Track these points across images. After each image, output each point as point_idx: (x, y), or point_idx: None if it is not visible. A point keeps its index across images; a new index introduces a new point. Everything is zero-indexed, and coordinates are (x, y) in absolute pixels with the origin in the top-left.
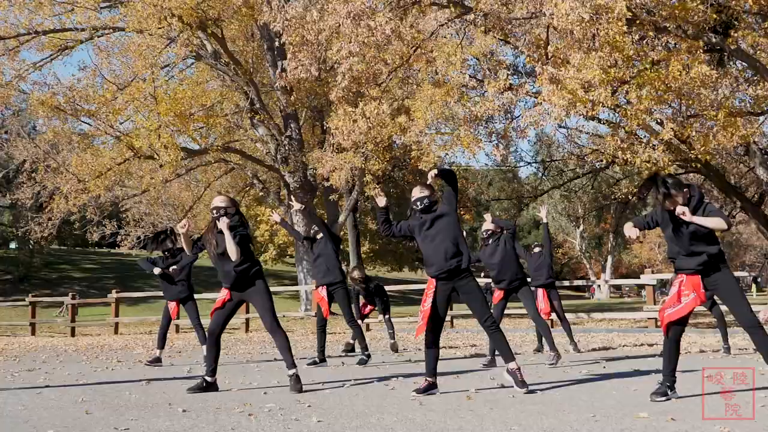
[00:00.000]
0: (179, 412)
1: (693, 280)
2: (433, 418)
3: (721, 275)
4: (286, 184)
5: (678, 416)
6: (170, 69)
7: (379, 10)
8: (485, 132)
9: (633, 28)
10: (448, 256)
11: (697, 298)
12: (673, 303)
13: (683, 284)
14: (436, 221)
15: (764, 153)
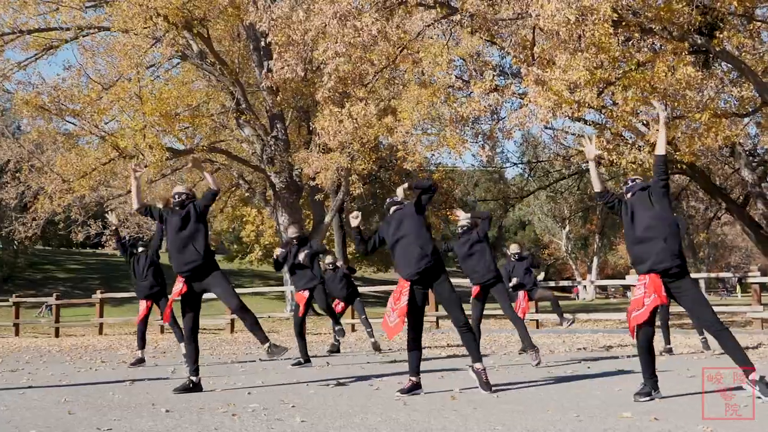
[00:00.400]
0: (162, 412)
1: (654, 281)
2: (417, 418)
3: (684, 283)
4: (272, 185)
5: (661, 416)
6: (156, 69)
7: (366, 11)
8: (471, 133)
9: (619, 30)
10: (418, 258)
11: (657, 299)
12: (638, 306)
13: (646, 286)
14: (403, 223)
15: (749, 154)
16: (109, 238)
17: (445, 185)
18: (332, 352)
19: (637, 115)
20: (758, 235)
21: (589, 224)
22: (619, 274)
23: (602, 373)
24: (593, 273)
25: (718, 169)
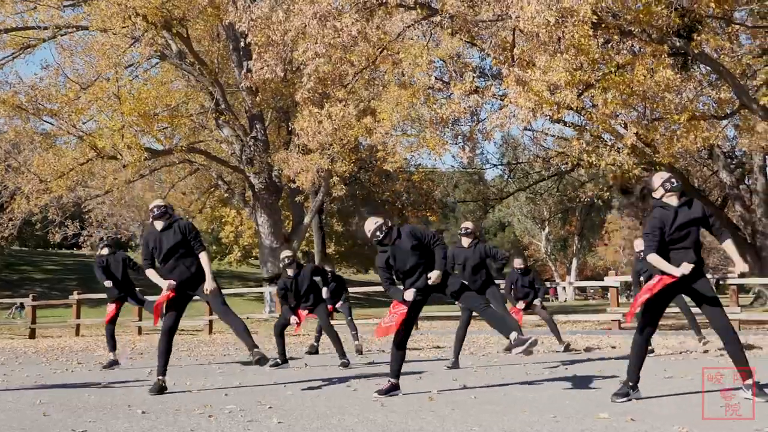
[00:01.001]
0: (138, 413)
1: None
2: (395, 419)
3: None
4: (251, 186)
5: (638, 417)
6: (134, 68)
7: (346, 11)
8: (451, 134)
9: (598, 32)
10: (422, 275)
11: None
12: (648, 290)
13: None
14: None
15: (727, 157)
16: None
17: (425, 186)
18: (311, 353)
19: (616, 117)
20: (736, 236)
21: (568, 225)
22: (598, 275)
23: (580, 374)
24: (572, 274)
25: (697, 171)
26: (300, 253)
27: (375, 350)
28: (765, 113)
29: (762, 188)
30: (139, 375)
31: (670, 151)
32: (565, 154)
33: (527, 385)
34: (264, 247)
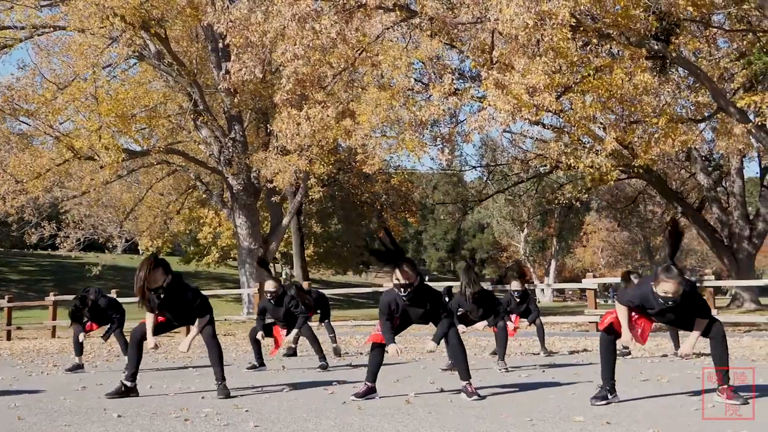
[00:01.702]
0: (114, 417)
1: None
2: (371, 423)
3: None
4: (229, 186)
5: (613, 420)
6: (112, 69)
7: (325, 13)
8: (430, 136)
9: (577, 35)
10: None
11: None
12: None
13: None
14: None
15: (705, 159)
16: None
17: (404, 188)
18: (288, 356)
19: (594, 120)
20: (713, 238)
21: (547, 227)
22: (576, 277)
23: (557, 376)
24: (551, 276)
25: (675, 173)
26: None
27: (353, 352)
28: (742, 116)
29: (739, 191)
30: (115, 378)
31: (648, 155)
32: (544, 156)
33: (504, 388)
34: (242, 249)
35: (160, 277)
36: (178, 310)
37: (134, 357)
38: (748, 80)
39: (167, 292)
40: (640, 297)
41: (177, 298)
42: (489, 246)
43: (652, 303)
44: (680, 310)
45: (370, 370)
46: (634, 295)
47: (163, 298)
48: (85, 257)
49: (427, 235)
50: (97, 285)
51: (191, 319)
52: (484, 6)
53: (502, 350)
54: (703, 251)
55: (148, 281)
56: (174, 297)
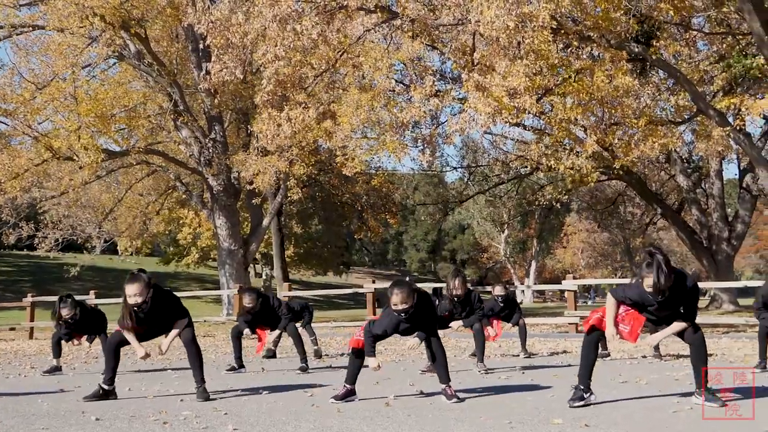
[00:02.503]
0: (92, 420)
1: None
2: (351, 426)
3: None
4: (209, 187)
5: (592, 422)
6: (92, 69)
7: (306, 14)
8: (411, 137)
9: (558, 37)
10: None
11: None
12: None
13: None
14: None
15: (684, 161)
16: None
17: (385, 189)
18: (268, 357)
19: (575, 122)
20: (692, 240)
21: (527, 228)
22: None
23: (536, 378)
24: (531, 277)
25: (655, 175)
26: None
27: (333, 354)
28: (721, 119)
29: (718, 192)
30: (93, 381)
31: (628, 156)
32: (525, 158)
33: (484, 390)
34: (222, 250)
35: (143, 292)
36: (159, 321)
37: (111, 362)
38: (727, 83)
39: (150, 305)
40: (639, 294)
41: (159, 309)
42: (469, 247)
43: (650, 300)
44: (675, 306)
45: (350, 372)
46: (633, 293)
47: (146, 312)
48: (63, 258)
49: (408, 235)
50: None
51: (170, 327)
52: (465, 8)
53: (481, 352)
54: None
55: (131, 299)
56: (156, 309)
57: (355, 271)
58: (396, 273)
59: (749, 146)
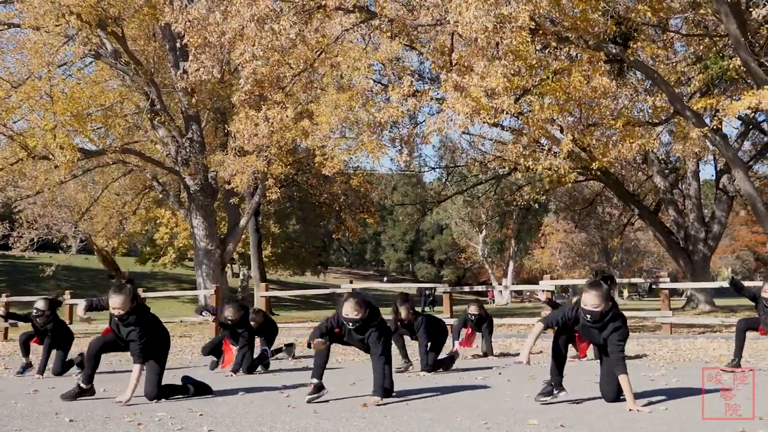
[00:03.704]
0: (66, 421)
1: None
2: (326, 427)
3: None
4: (186, 187)
5: (567, 423)
6: (68, 67)
7: (284, 14)
8: (389, 137)
9: (536, 38)
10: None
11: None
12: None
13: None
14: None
15: (661, 162)
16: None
17: (363, 189)
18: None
19: (553, 122)
20: (669, 240)
21: (505, 229)
22: (534, 278)
23: (512, 379)
24: (509, 277)
25: (632, 176)
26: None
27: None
28: (698, 120)
29: (695, 193)
30: (67, 382)
31: (606, 158)
32: (503, 158)
33: (460, 390)
34: (199, 250)
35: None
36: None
37: (91, 363)
38: (704, 84)
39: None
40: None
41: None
42: (447, 247)
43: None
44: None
45: (316, 365)
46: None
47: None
48: (38, 257)
49: (386, 236)
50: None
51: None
52: (443, 8)
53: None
54: (659, 253)
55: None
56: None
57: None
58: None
59: (726, 147)
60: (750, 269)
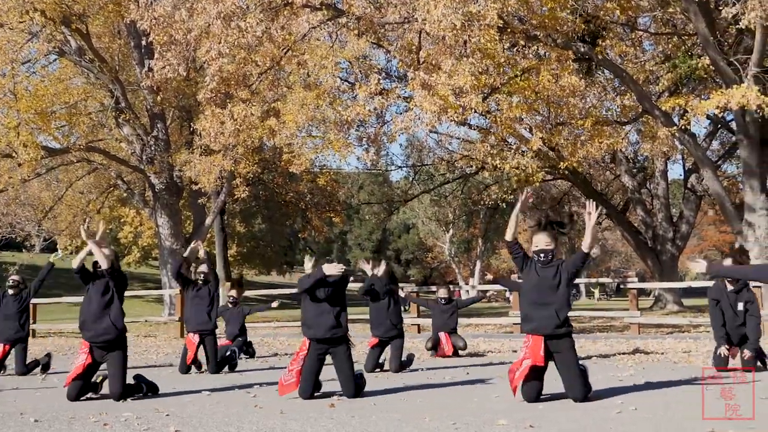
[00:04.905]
0: (31, 422)
1: (536, 342)
2: (293, 427)
3: (564, 343)
4: (151, 185)
5: (536, 423)
6: (32, 65)
7: (250, 11)
8: (356, 136)
9: (504, 36)
10: (329, 326)
11: (533, 361)
12: (518, 366)
13: (528, 347)
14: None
15: (629, 161)
16: None
17: (329, 188)
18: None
19: (521, 121)
20: (637, 240)
21: (472, 228)
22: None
23: (481, 379)
24: (476, 277)
25: (600, 175)
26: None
27: (282, 353)
28: (667, 119)
29: (663, 193)
30: (31, 381)
31: (574, 157)
32: (470, 157)
33: (428, 390)
34: (164, 249)
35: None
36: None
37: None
38: (673, 83)
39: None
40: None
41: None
42: (414, 246)
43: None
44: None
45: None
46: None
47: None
48: (1, 256)
49: (352, 235)
50: (7, 325)
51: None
52: (411, 6)
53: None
54: (627, 253)
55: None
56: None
57: (298, 271)
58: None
59: (694, 147)
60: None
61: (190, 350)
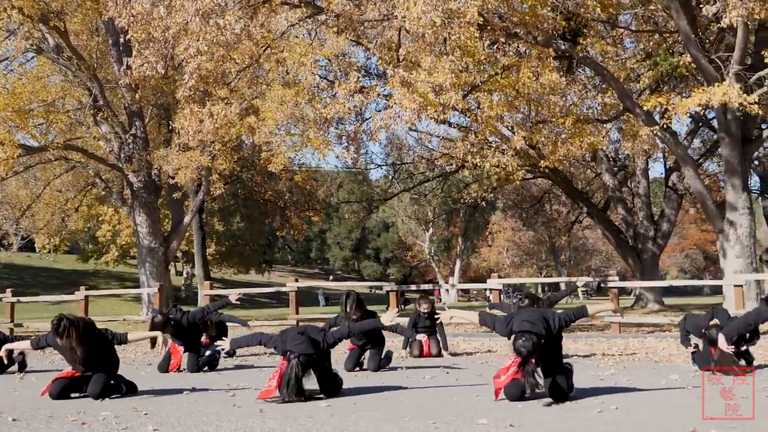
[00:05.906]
0: (9, 421)
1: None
2: (273, 426)
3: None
4: (129, 184)
5: (516, 422)
6: (9, 62)
7: (229, 9)
8: (335, 134)
9: (484, 34)
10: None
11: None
12: (503, 373)
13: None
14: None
15: (610, 160)
16: None
17: (308, 186)
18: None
19: (501, 119)
20: (618, 239)
21: (452, 227)
22: (481, 277)
23: (460, 378)
24: (456, 276)
25: (581, 173)
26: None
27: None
28: (648, 118)
29: (644, 191)
30: (8, 381)
31: (555, 156)
32: (450, 156)
33: (407, 390)
34: (142, 247)
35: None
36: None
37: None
38: (654, 81)
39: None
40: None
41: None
42: (394, 245)
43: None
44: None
45: None
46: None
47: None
48: None
49: (332, 233)
50: None
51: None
52: (391, 3)
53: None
54: (608, 251)
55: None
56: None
57: (277, 270)
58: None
59: (675, 145)
60: (699, 268)
61: (174, 358)
